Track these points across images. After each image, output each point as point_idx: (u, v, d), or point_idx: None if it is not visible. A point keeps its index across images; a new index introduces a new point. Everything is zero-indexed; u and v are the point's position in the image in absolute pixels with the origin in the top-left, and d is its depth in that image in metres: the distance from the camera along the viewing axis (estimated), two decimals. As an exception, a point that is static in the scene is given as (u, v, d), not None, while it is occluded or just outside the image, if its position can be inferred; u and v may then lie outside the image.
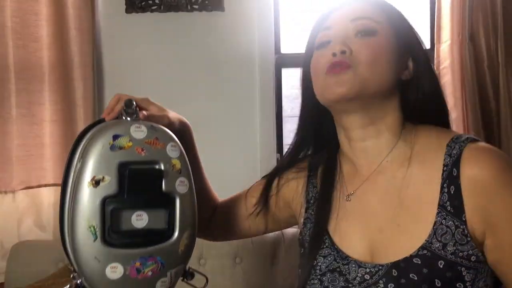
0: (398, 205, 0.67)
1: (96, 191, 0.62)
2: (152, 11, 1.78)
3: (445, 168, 0.65)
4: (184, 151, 0.69)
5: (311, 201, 0.78)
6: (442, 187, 0.64)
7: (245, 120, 1.85)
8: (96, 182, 0.62)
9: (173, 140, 0.68)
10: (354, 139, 0.73)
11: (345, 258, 0.69)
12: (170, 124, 0.74)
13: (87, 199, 0.62)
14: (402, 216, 0.67)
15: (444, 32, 1.74)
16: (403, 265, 0.63)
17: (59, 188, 0.77)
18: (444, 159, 0.65)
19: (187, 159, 0.70)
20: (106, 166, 0.63)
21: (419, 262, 0.62)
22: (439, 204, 0.64)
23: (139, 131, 0.66)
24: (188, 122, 0.82)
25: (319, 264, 0.71)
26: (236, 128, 1.85)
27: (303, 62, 0.76)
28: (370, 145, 0.72)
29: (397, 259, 0.64)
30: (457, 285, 0.61)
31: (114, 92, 1.79)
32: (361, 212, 0.71)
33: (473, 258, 0.62)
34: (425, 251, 0.63)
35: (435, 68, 1.75)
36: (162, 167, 0.66)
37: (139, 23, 1.79)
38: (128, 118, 0.69)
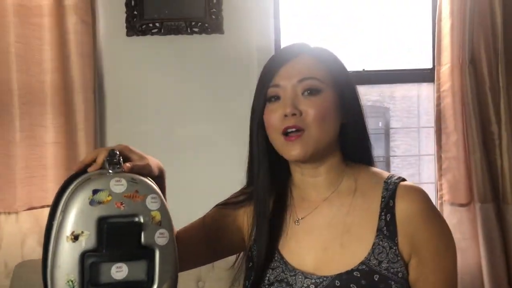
0: (343, 229, 0.79)
1: (75, 245, 0.64)
2: (152, 34, 1.80)
3: (383, 199, 0.79)
4: (165, 202, 0.70)
5: (265, 220, 0.85)
6: (380, 215, 0.78)
7: (246, 140, 1.86)
8: (75, 237, 0.64)
9: (153, 192, 0.69)
10: (306, 175, 0.83)
11: (293, 270, 0.79)
12: (150, 172, 0.75)
13: (66, 253, 0.63)
14: (346, 238, 0.78)
15: (445, 55, 1.73)
16: (345, 277, 0.75)
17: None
18: (382, 192, 0.79)
19: (168, 210, 0.70)
20: (85, 220, 0.64)
21: (359, 275, 0.75)
22: (377, 229, 0.77)
23: (118, 185, 0.67)
24: (163, 167, 0.84)
25: (268, 275, 0.81)
26: (237, 147, 1.85)
27: (256, 106, 0.84)
28: (320, 180, 0.83)
29: (340, 272, 0.75)
30: None
31: (115, 114, 1.86)
32: (309, 233, 0.81)
33: (400, 275, 0.76)
34: (364, 266, 0.75)
35: (435, 90, 1.76)
36: (141, 220, 0.67)
37: (140, 46, 1.82)
38: (111, 170, 0.70)
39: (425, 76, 1.90)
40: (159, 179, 0.81)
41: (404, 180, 0.82)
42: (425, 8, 1.94)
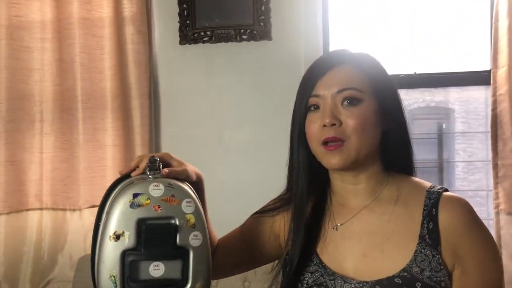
0: (383, 236, 0.80)
1: (117, 244, 0.70)
2: (203, 42, 1.88)
3: (425, 208, 0.79)
4: (200, 206, 0.75)
5: (303, 225, 0.86)
6: (422, 223, 0.78)
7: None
8: (116, 237, 0.70)
9: (189, 196, 0.74)
10: (347, 182, 0.84)
11: (332, 274, 0.80)
12: (188, 177, 0.81)
13: (109, 251, 0.70)
14: (387, 245, 0.79)
15: (502, 57, 1.65)
16: (386, 282, 0.75)
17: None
18: (425, 201, 0.80)
19: (202, 213, 0.75)
20: (126, 222, 0.70)
21: (400, 282, 0.75)
22: (419, 236, 0.78)
23: (156, 189, 0.72)
24: (201, 174, 0.88)
25: (306, 279, 0.82)
26: (285, 151, 1.88)
27: (296, 115, 0.85)
28: (361, 188, 0.84)
29: (381, 278, 0.76)
30: None
31: (169, 119, 1.95)
32: (348, 239, 0.82)
33: (443, 284, 0.76)
34: (405, 273, 0.75)
35: (491, 94, 1.68)
36: (177, 222, 0.72)
37: (192, 53, 1.90)
38: (151, 175, 0.76)
39: (481, 79, 1.82)
40: (197, 184, 0.86)
41: (446, 190, 0.82)
42: (483, 7, 1.86)
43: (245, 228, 0.95)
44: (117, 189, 0.76)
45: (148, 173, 0.76)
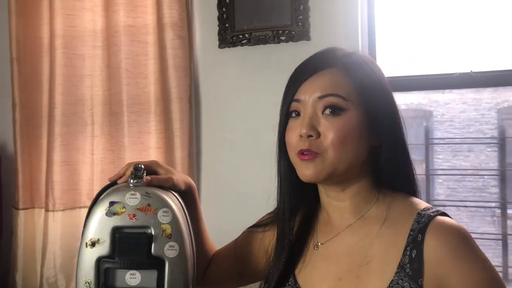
0: (362, 260, 0.71)
1: (92, 251, 0.71)
2: (242, 45, 1.87)
3: (411, 233, 0.68)
4: (179, 216, 0.74)
5: (285, 242, 0.82)
6: (405, 249, 0.68)
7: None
8: (92, 244, 0.71)
9: (166, 206, 0.74)
10: (332, 198, 0.77)
11: None
12: (173, 186, 0.80)
13: (85, 258, 0.71)
14: (364, 270, 0.70)
15: None
16: None
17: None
18: (413, 224, 0.69)
19: (182, 224, 0.74)
20: (101, 229, 0.71)
21: None
22: (399, 265, 0.68)
23: (133, 198, 0.73)
24: (193, 183, 0.86)
25: None
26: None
27: (279, 121, 0.81)
28: (346, 205, 0.76)
29: None
30: None
31: (210, 122, 1.97)
32: (326, 260, 0.76)
33: None
34: None
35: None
36: (152, 232, 0.72)
37: (231, 57, 1.90)
38: (133, 181, 0.76)
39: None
40: (187, 194, 0.85)
41: (444, 214, 0.71)
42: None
43: (238, 241, 0.92)
44: (102, 196, 0.77)
45: (132, 180, 0.77)
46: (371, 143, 0.74)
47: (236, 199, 1.82)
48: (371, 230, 0.73)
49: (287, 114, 0.78)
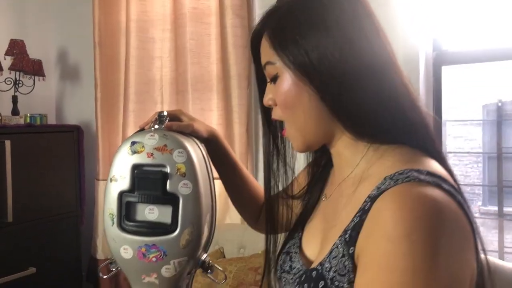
0: (334, 221, 0.67)
1: (115, 186, 0.78)
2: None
3: (367, 199, 0.57)
4: (193, 157, 0.79)
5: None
6: (354, 215, 0.59)
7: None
8: (115, 179, 0.78)
9: (181, 147, 0.78)
10: (331, 151, 0.74)
11: (298, 247, 0.74)
12: (194, 132, 0.84)
13: (109, 192, 0.79)
14: (332, 232, 0.65)
15: None
16: (308, 273, 0.64)
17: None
18: (372, 190, 0.57)
19: (195, 164, 0.78)
20: (123, 166, 0.78)
21: (313, 276, 0.62)
22: (344, 229, 0.60)
23: (151, 139, 0.78)
24: (217, 131, 0.90)
25: (288, 244, 0.77)
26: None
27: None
28: (339, 161, 0.72)
29: (311, 267, 0.65)
30: None
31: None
32: (322, 215, 0.74)
33: None
34: (319, 267, 0.62)
35: None
36: (168, 170, 0.77)
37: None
38: (156, 126, 0.82)
39: None
40: (211, 142, 0.90)
41: (419, 181, 0.53)
42: None
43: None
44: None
45: (155, 126, 0.83)
46: (323, 96, 0.63)
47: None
48: (349, 190, 0.66)
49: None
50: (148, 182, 0.77)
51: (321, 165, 0.82)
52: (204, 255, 0.82)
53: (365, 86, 0.61)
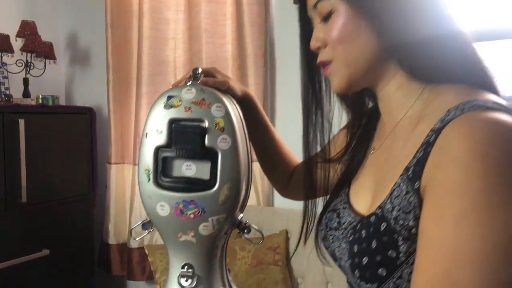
0: (389, 166, 0.64)
1: (151, 141, 0.76)
2: None
3: (430, 133, 0.55)
4: (230, 112, 0.76)
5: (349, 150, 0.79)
6: (417, 151, 0.56)
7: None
8: (151, 134, 0.76)
9: (219, 101, 0.76)
10: (379, 98, 0.71)
11: (347, 202, 0.72)
12: (229, 90, 0.82)
13: (145, 147, 0.76)
14: (386, 177, 0.63)
15: None
16: (365, 221, 0.62)
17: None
18: (435, 124, 0.55)
19: (233, 119, 0.76)
20: (160, 121, 0.76)
21: (371, 221, 0.60)
22: (406, 167, 0.58)
23: (188, 93, 0.76)
24: (251, 93, 0.88)
25: (334, 202, 0.76)
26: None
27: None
28: (390, 104, 0.69)
29: (368, 214, 0.63)
30: (389, 252, 0.56)
31: (285, 78, 1.98)
32: (373, 167, 0.71)
33: (413, 231, 0.54)
34: (378, 211, 0.59)
35: None
36: (206, 125, 0.75)
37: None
38: (188, 83, 0.80)
39: None
40: (244, 102, 0.87)
41: (485, 109, 0.51)
42: None
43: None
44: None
45: (189, 81, 0.80)
46: (381, 31, 0.62)
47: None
48: (406, 131, 0.63)
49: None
50: (186, 137, 0.75)
51: (362, 124, 0.80)
52: (241, 215, 0.80)
53: (425, 20, 0.60)
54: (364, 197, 0.69)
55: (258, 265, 1.60)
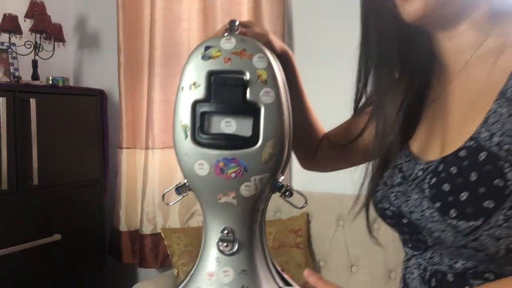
0: (467, 102, 0.60)
1: (188, 94, 0.70)
2: (337, -25, 1.79)
3: None
4: (273, 63, 0.70)
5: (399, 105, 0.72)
6: (511, 74, 0.54)
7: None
8: (188, 87, 0.70)
9: (261, 51, 0.70)
10: (441, 40, 0.65)
11: (408, 155, 0.67)
12: (268, 43, 0.77)
13: (181, 101, 0.70)
14: (468, 114, 0.59)
15: None
16: (450, 159, 0.57)
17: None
18: None
19: (276, 71, 0.70)
20: (197, 73, 0.70)
21: (464, 155, 0.55)
22: (500, 91, 0.55)
23: (228, 43, 0.70)
24: (290, 51, 0.82)
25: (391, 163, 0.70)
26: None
27: None
28: (457, 44, 0.64)
29: (454, 151, 0.58)
30: (496, 181, 0.51)
31: (303, 57, 1.92)
32: (440, 118, 0.66)
33: None
34: (472, 142, 0.55)
35: None
36: (247, 77, 0.69)
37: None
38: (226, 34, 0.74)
39: None
40: (282, 59, 0.82)
41: None
42: None
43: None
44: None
45: (226, 34, 0.75)
46: None
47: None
48: (484, 65, 0.60)
49: None
50: (226, 90, 0.69)
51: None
52: (282, 177, 0.74)
53: None
54: (433, 146, 0.65)
55: (280, 248, 1.55)
